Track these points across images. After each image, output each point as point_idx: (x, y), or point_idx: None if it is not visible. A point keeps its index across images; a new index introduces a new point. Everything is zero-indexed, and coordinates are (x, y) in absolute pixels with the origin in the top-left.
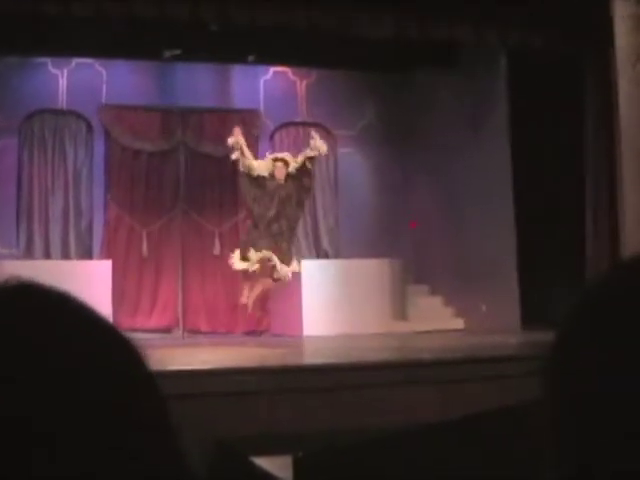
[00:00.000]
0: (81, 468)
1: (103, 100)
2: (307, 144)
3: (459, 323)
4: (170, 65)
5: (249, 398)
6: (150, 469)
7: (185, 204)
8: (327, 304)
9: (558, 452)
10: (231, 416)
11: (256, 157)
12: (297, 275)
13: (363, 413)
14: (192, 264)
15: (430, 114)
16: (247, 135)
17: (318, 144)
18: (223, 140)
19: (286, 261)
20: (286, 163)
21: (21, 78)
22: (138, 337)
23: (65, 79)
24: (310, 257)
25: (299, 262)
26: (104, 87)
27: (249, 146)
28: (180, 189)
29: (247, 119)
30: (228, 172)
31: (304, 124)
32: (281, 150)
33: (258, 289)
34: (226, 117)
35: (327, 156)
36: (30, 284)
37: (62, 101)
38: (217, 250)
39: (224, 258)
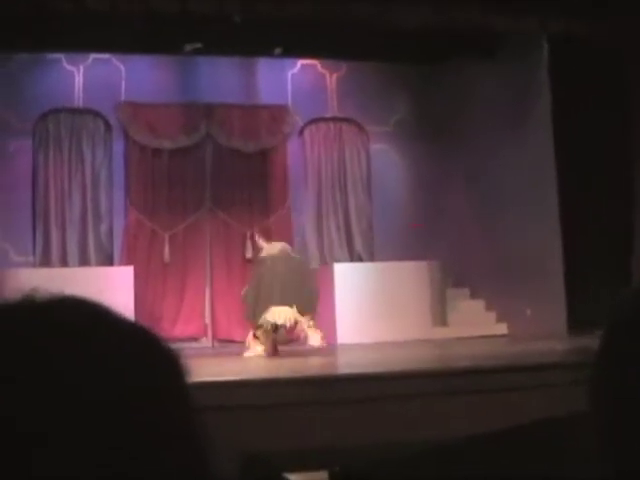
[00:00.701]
0: (97, 471)
1: (122, 97)
2: (338, 140)
3: (502, 328)
4: (192, 59)
5: (282, 410)
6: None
7: (212, 204)
8: (362, 310)
9: (601, 459)
10: (263, 429)
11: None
12: (330, 280)
13: (401, 425)
14: (221, 268)
15: (467, 108)
16: (276, 132)
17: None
18: (252, 135)
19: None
20: None
21: (34, 76)
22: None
23: (81, 76)
24: (343, 260)
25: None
26: (123, 83)
27: (279, 143)
28: (206, 188)
29: (275, 115)
30: (258, 168)
31: (335, 119)
32: (312, 147)
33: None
34: (253, 112)
35: (359, 153)
36: (65, 297)
37: (78, 99)
38: (249, 253)
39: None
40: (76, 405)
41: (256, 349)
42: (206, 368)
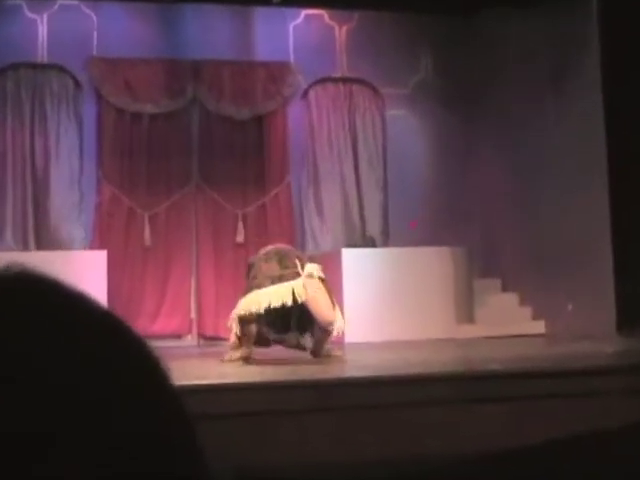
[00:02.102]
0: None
1: (93, 51)
2: (348, 105)
3: (539, 326)
4: (176, 7)
5: (277, 418)
6: None
7: (199, 179)
8: (374, 304)
9: None
10: (255, 439)
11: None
12: (337, 269)
13: (418, 436)
14: (209, 254)
15: (501, 67)
16: (275, 94)
17: None
18: (246, 98)
19: None
20: None
21: None
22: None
23: (45, 25)
24: (352, 246)
25: None
26: (94, 35)
27: (278, 107)
28: (193, 160)
29: (274, 74)
30: (253, 137)
31: (344, 80)
32: (317, 112)
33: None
34: (249, 71)
35: (373, 120)
36: (27, 272)
37: (42, 53)
38: (241, 237)
39: (249, 247)
40: (68, 406)
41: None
42: (193, 370)
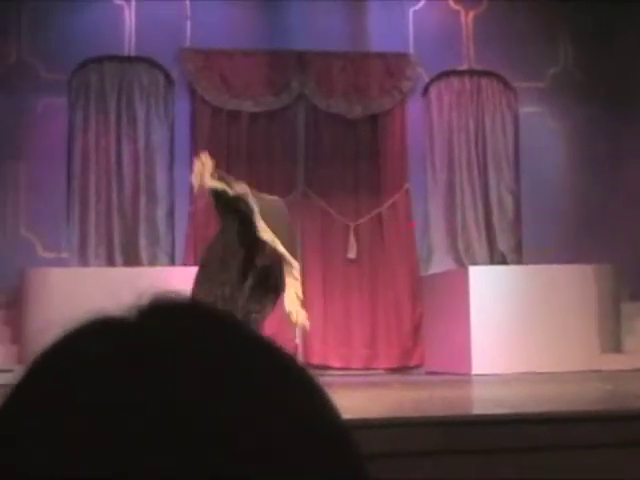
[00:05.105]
0: None
1: (187, 42)
2: (476, 101)
3: None
4: None
5: (397, 459)
6: None
7: (305, 185)
8: (504, 329)
9: None
10: None
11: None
12: (463, 288)
13: None
14: (315, 271)
15: None
16: (392, 90)
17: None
18: (359, 95)
19: None
20: None
21: (71, 13)
22: None
23: (133, 13)
24: (481, 263)
25: None
26: (188, 24)
27: (395, 104)
28: (298, 164)
29: (392, 66)
30: (366, 139)
31: (471, 73)
32: (439, 110)
33: None
34: (363, 64)
35: (503, 119)
36: (195, 303)
37: (129, 44)
38: (353, 252)
39: (362, 264)
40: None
41: None
42: None
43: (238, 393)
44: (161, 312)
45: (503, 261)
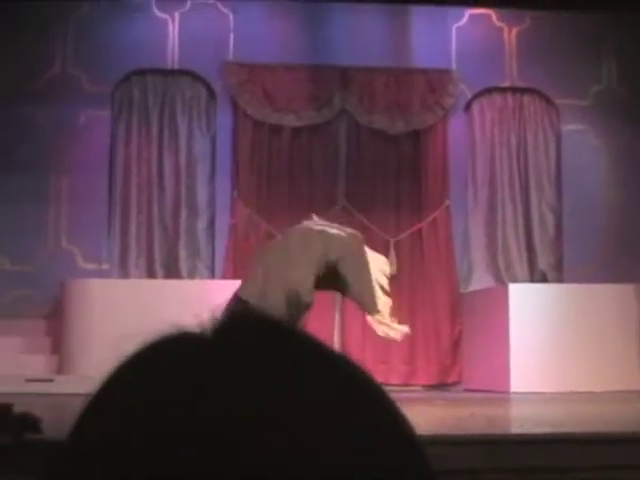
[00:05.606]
0: None
1: (230, 56)
2: (518, 118)
3: None
4: (323, 7)
5: (442, 477)
6: None
7: (346, 200)
8: (544, 348)
9: None
10: None
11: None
12: (503, 306)
13: None
14: None
15: None
16: (434, 106)
17: None
18: (401, 110)
19: None
20: None
21: (114, 25)
22: None
23: (176, 26)
24: (522, 280)
25: None
26: (231, 37)
27: (437, 120)
28: (339, 179)
29: (434, 82)
30: (408, 155)
31: (514, 90)
32: (481, 127)
33: None
34: (405, 79)
35: (546, 136)
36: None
37: (172, 57)
38: (393, 268)
39: (402, 279)
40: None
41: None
42: None
43: (340, 431)
44: (237, 329)
45: (543, 279)
